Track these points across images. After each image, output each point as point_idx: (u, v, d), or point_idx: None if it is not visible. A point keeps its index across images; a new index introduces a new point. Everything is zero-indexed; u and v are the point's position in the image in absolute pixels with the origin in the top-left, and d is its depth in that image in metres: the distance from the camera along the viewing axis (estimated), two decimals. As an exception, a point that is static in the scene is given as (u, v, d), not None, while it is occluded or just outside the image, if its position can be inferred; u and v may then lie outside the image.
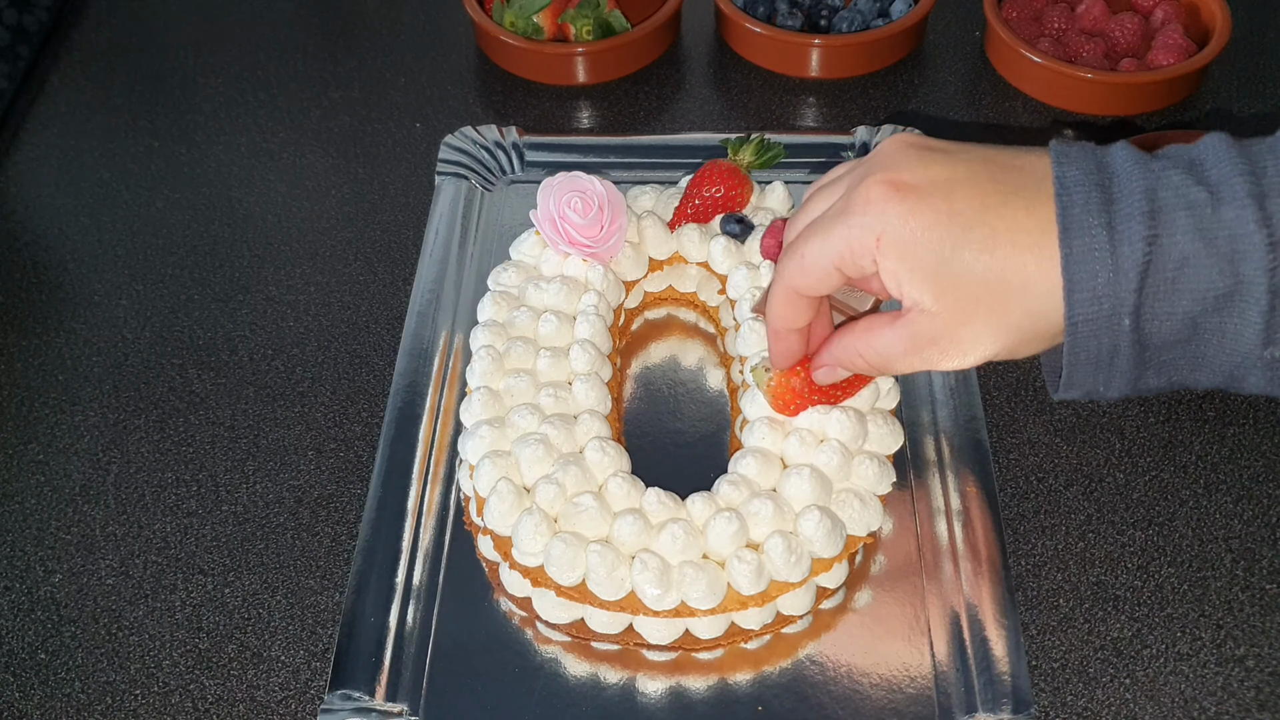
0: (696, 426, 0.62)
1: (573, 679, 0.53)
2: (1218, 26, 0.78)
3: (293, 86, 0.84)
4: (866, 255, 0.43)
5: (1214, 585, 0.56)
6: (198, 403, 0.65)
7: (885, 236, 0.42)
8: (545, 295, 0.62)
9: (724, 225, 0.64)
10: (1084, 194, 0.40)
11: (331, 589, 0.57)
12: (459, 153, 0.74)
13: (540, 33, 0.82)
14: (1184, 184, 0.39)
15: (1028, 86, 0.80)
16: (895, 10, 0.82)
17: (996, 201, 0.41)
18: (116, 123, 0.82)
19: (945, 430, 0.60)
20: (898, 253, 0.42)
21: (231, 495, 0.61)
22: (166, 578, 0.58)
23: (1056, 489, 0.60)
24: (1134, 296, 0.39)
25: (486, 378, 0.58)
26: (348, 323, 0.69)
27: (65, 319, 0.70)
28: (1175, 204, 0.39)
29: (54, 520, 0.60)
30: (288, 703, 0.54)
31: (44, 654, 0.56)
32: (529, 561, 0.52)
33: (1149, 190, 0.39)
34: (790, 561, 0.51)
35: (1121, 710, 0.52)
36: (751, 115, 0.80)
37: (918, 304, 0.43)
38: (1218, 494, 0.59)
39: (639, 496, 0.53)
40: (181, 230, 0.75)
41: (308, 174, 0.78)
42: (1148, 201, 0.39)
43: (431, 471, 0.60)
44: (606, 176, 0.63)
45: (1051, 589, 0.56)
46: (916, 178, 0.42)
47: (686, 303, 0.68)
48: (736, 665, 0.53)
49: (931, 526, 0.57)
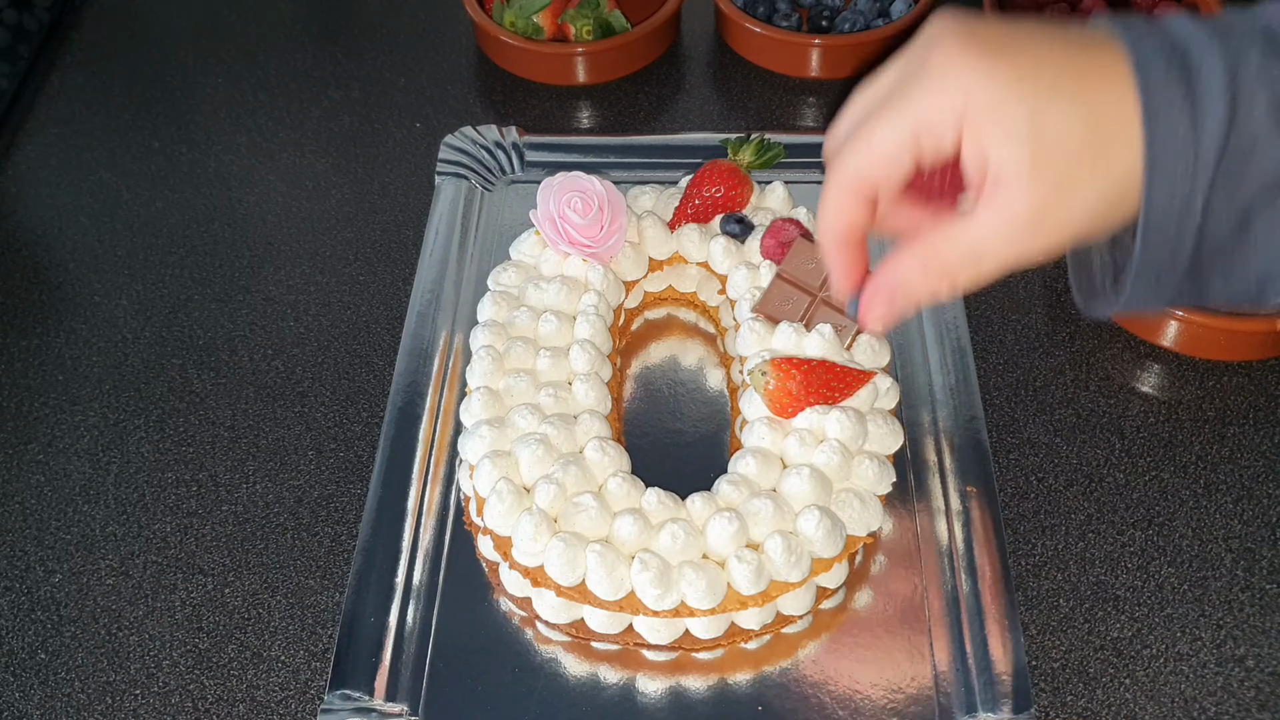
0: (696, 426, 0.62)
1: (572, 679, 0.53)
2: (1218, 26, 0.78)
3: (293, 86, 0.84)
4: (949, 124, 0.38)
5: (1214, 585, 0.56)
6: (198, 403, 0.65)
7: (973, 98, 0.37)
8: (545, 295, 0.62)
9: (724, 225, 0.64)
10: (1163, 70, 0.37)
11: (331, 589, 0.57)
12: (459, 153, 0.74)
13: (540, 33, 0.82)
14: (1264, 62, 0.36)
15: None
16: (895, 10, 0.82)
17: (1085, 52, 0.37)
18: (116, 123, 0.82)
19: (945, 430, 0.60)
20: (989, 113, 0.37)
21: (231, 495, 0.61)
22: (166, 578, 0.58)
23: (1056, 489, 0.60)
24: (1210, 173, 0.37)
25: (486, 378, 0.58)
26: (348, 323, 0.69)
27: (65, 319, 0.70)
28: (1256, 85, 0.36)
29: (54, 520, 0.60)
30: (288, 703, 0.54)
31: (44, 654, 0.56)
32: (529, 561, 0.52)
33: (1230, 70, 0.36)
34: (790, 561, 0.51)
35: (1121, 710, 0.52)
36: (751, 115, 0.80)
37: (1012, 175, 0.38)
38: (1218, 494, 0.59)
39: (639, 496, 0.53)
40: (181, 230, 0.75)
41: (308, 174, 0.78)
42: (1229, 81, 0.36)
43: (431, 471, 0.60)
44: (606, 176, 0.63)
45: (1051, 589, 0.56)
46: (997, 34, 0.38)
47: (686, 303, 0.68)
48: (736, 665, 0.53)
49: (931, 526, 0.57)
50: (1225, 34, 0.37)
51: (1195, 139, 0.36)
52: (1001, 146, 0.38)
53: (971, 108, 0.38)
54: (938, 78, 0.38)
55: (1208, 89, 0.36)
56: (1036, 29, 0.39)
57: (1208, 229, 0.38)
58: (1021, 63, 0.37)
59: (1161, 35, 0.38)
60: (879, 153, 0.40)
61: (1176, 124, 0.36)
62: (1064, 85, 0.37)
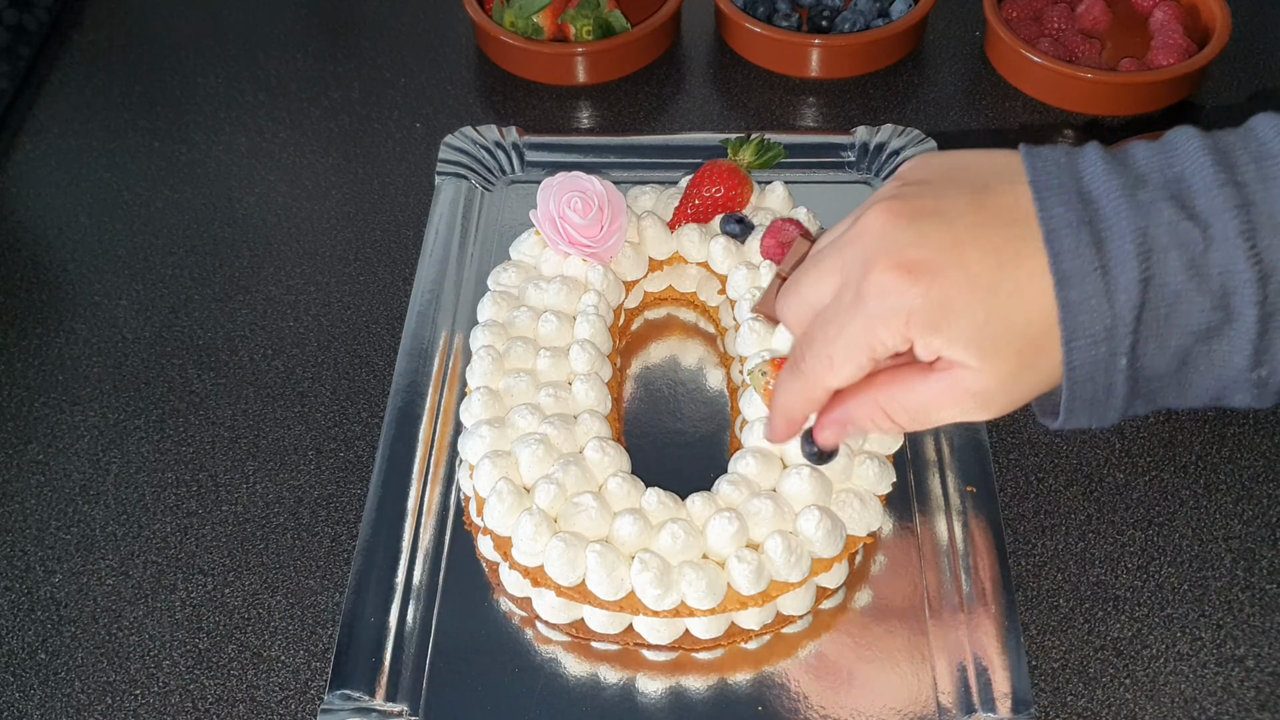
0: (696, 426, 0.62)
1: (572, 679, 0.53)
2: (1217, 26, 0.78)
3: (293, 86, 0.84)
4: (897, 338, 0.42)
5: (1214, 585, 0.56)
6: (198, 403, 0.65)
7: (914, 316, 0.41)
8: (545, 295, 0.62)
9: (724, 225, 0.64)
10: (1074, 238, 0.39)
11: (331, 589, 0.57)
12: (459, 153, 0.74)
13: (540, 33, 0.82)
14: (1175, 220, 0.38)
15: (1028, 86, 0.80)
16: (895, 10, 0.82)
17: (1010, 254, 0.40)
18: (116, 123, 0.82)
19: (945, 430, 0.60)
20: (931, 328, 0.41)
21: (231, 495, 0.61)
22: (166, 578, 0.58)
23: (1056, 489, 0.60)
24: (1130, 338, 0.39)
25: (486, 378, 0.58)
26: (348, 323, 0.69)
27: (65, 319, 0.70)
28: (1168, 243, 0.38)
29: (54, 520, 0.60)
30: (288, 703, 0.54)
31: (44, 654, 0.56)
32: (529, 561, 0.52)
33: (1140, 231, 0.38)
34: (790, 561, 0.51)
35: (1121, 710, 0.52)
36: (751, 115, 0.80)
37: (962, 369, 0.42)
38: (1218, 494, 0.59)
39: (639, 496, 0.53)
40: (181, 230, 0.75)
41: (308, 174, 0.78)
42: (1140, 242, 0.38)
43: (431, 471, 0.60)
44: (606, 176, 0.63)
45: (1051, 589, 0.56)
46: (922, 253, 0.41)
47: (686, 303, 0.68)
48: (736, 665, 0.53)
49: (931, 526, 0.57)
50: (1136, 187, 0.39)
51: (1109, 303, 0.38)
52: (951, 352, 0.41)
53: (917, 324, 0.41)
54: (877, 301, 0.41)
55: (1118, 254, 0.38)
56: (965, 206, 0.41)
57: (1143, 370, 0.40)
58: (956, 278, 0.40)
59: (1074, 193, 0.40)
60: (841, 368, 0.44)
61: (1089, 292, 0.39)
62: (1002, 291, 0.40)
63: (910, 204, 0.42)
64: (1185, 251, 0.38)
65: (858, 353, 0.43)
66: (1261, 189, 0.38)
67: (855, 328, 0.42)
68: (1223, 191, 0.38)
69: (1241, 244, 0.38)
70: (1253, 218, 0.38)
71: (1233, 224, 0.38)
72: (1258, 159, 0.39)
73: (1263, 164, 0.39)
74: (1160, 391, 0.41)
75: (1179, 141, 0.40)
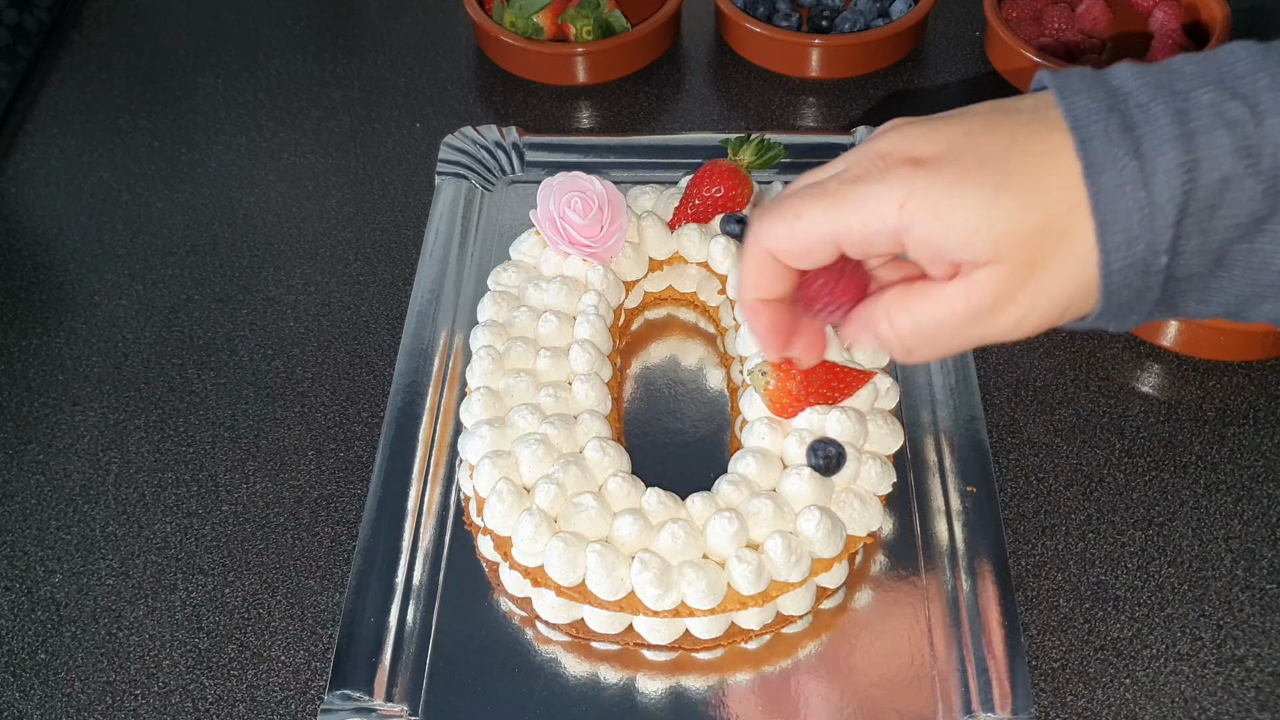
0: (696, 426, 0.62)
1: (572, 679, 0.53)
2: (1218, 26, 0.78)
3: (293, 86, 0.84)
4: (884, 228, 0.37)
5: (1214, 585, 0.56)
6: (198, 403, 0.65)
7: (911, 200, 0.36)
8: (545, 295, 0.62)
9: (724, 225, 0.64)
10: (1102, 123, 0.35)
11: (331, 589, 0.57)
12: (459, 153, 0.74)
13: (540, 33, 0.82)
14: (1218, 101, 0.34)
15: (1027, 86, 0.80)
16: (895, 10, 0.82)
17: (1025, 134, 0.36)
18: (116, 123, 0.82)
19: (945, 430, 0.60)
20: (930, 213, 0.36)
21: (231, 495, 0.61)
22: (166, 578, 0.58)
23: (1056, 489, 0.60)
24: (1171, 231, 0.35)
25: (486, 378, 0.58)
26: (348, 323, 0.69)
27: (65, 319, 0.70)
28: (1212, 124, 0.34)
29: (54, 520, 0.60)
30: (288, 703, 0.54)
31: (44, 654, 0.56)
32: (529, 561, 0.52)
33: (1179, 113, 0.35)
34: (790, 561, 0.51)
35: (1121, 710, 0.52)
36: (751, 115, 0.80)
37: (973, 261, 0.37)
38: (1218, 494, 0.59)
39: (639, 496, 0.53)
40: (181, 230, 0.75)
41: (308, 174, 0.78)
42: (1182, 123, 0.34)
43: (431, 471, 0.60)
44: (606, 176, 0.63)
45: (1051, 589, 0.56)
46: (935, 146, 0.37)
47: (686, 303, 0.68)
48: (736, 665, 0.53)
49: (931, 526, 0.57)
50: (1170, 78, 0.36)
51: (1147, 193, 0.35)
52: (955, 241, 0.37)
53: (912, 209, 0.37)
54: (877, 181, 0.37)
55: (1153, 139, 0.35)
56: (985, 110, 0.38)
57: (1177, 270, 0.36)
58: (965, 160, 0.36)
59: (1100, 89, 0.36)
60: (800, 235, 0.39)
61: (1123, 181, 0.35)
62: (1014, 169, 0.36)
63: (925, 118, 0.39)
64: (1234, 131, 0.34)
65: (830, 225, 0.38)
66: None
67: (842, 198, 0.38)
68: (1271, 71, 0.35)
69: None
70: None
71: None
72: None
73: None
74: (1184, 295, 0.37)
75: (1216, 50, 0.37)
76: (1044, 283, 0.37)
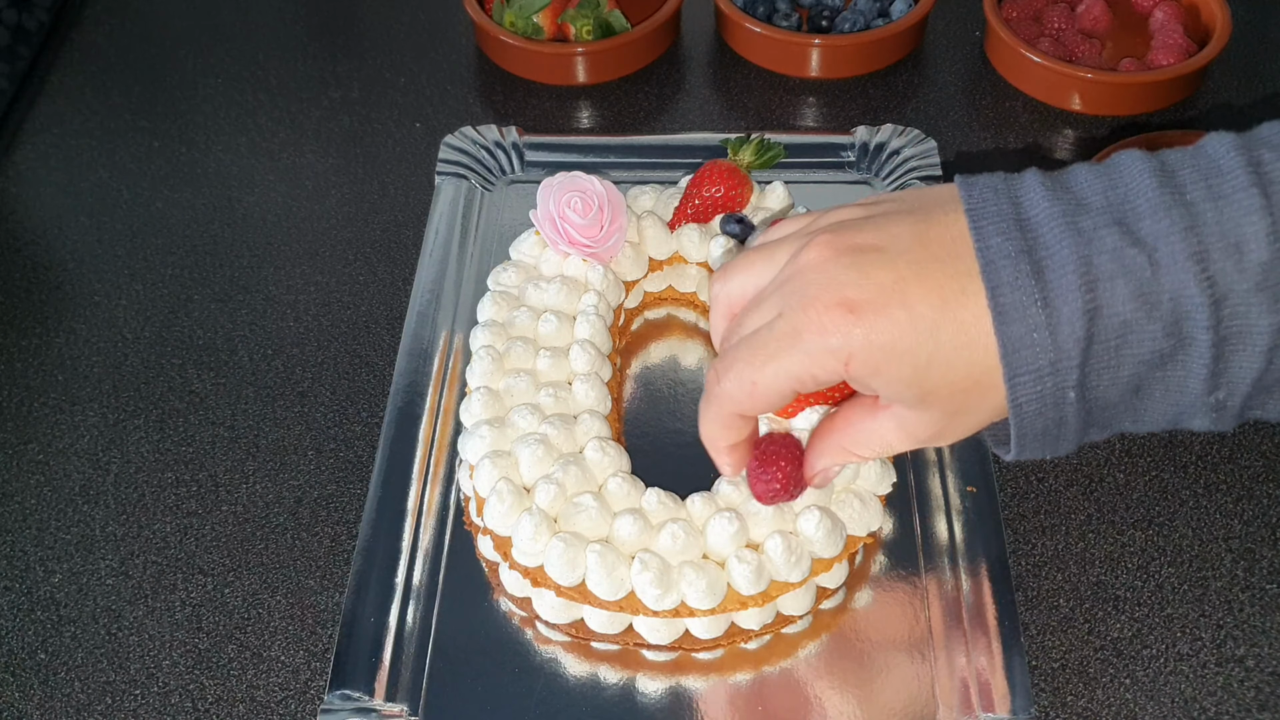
0: (696, 426, 0.62)
1: (572, 679, 0.53)
2: (1218, 26, 0.78)
3: (293, 86, 0.84)
4: (832, 378, 0.41)
5: (1214, 585, 0.56)
6: (198, 403, 0.65)
7: (855, 358, 0.40)
8: (545, 295, 0.62)
9: (724, 225, 0.64)
10: (1012, 269, 0.37)
11: (331, 589, 0.57)
12: (459, 153, 0.74)
13: (540, 33, 0.82)
14: (1119, 247, 0.37)
15: (1028, 86, 0.80)
16: (895, 10, 0.82)
17: (954, 291, 0.38)
18: (116, 123, 0.82)
19: (945, 430, 0.60)
20: (870, 370, 0.40)
21: (231, 495, 0.61)
22: (166, 578, 0.58)
23: (1056, 489, 0.60)
24: (1077, 371, 0.38)
25: (486, 378, 0.58)
26: (348, 323, 0.69)
27: (65, 319, 0.70)
28: (1113, 271, 0.37)
29: (54, 520, 0.60)
30: (288, 703, 0.54)
31: (44, 654, 0.56)
32: (529, 561, 0.52)
33: (1083, 260, 0.37)
34: (790, 561, 0.51)
35: (1121, 710, 0.52)
36: (751, 115, 0.80)
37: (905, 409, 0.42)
38: (1218, 494, 0.59)
39: (639, 496, 0.53)
40: (181, 230, 0.75)
41: (308, 174, 0.78)
42: (1083, 272, 0.37)
43: (431, 471, 0.60)
44: (606, 176, 0.63)
45: (1051, 589, 0.56)
46: (864, 292, 0.39)
47: (686, 303, 0.68)
48: (736, 665, 0.53)
49: (931, 526, 0.57)
50: (1079, 215, 0.38)
51: (1052, 336, 0.37)
52: (890, 393, 0.41)
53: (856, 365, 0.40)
54: (817, 338, 0.40)
55: (1060, 285, 0.37)
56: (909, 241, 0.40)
57: (1094, 402, 0.39)
58: (899, 319, 0.39)
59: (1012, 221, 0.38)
60: (762, 396, 0.43)
61: (1030, 329, 0.37)
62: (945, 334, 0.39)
63: (851, 239, 0.41)
64: (1132, 279, 0.37)
65: (785, 384, 0.42)
66: (1212, 208, 0.37)
67: (788, 361, 0.41)
68: (1169, 214, 0.37)
69: (1192, 267, 0.36)
70: (1203, 239, 0.36)
71: (1181, 247, 0.36)
72: (1207, 176, 0.37)
73: (1212, 181, 0.37)
74: (1115, 419, 0.40)
75: (1123, 163, 0.39)
76: (967, 422, 0.42)
